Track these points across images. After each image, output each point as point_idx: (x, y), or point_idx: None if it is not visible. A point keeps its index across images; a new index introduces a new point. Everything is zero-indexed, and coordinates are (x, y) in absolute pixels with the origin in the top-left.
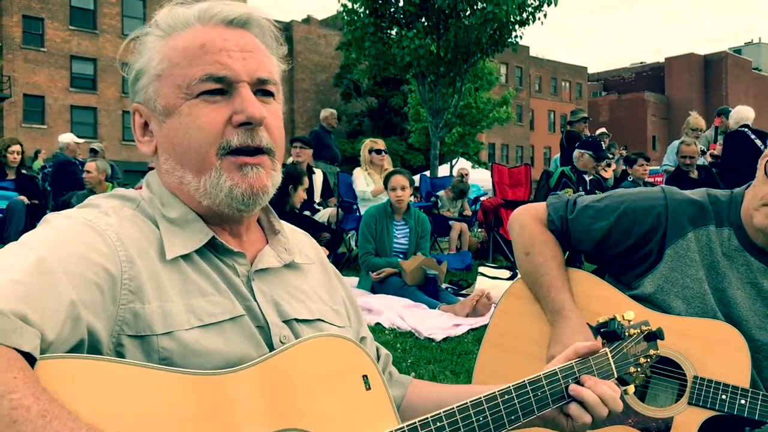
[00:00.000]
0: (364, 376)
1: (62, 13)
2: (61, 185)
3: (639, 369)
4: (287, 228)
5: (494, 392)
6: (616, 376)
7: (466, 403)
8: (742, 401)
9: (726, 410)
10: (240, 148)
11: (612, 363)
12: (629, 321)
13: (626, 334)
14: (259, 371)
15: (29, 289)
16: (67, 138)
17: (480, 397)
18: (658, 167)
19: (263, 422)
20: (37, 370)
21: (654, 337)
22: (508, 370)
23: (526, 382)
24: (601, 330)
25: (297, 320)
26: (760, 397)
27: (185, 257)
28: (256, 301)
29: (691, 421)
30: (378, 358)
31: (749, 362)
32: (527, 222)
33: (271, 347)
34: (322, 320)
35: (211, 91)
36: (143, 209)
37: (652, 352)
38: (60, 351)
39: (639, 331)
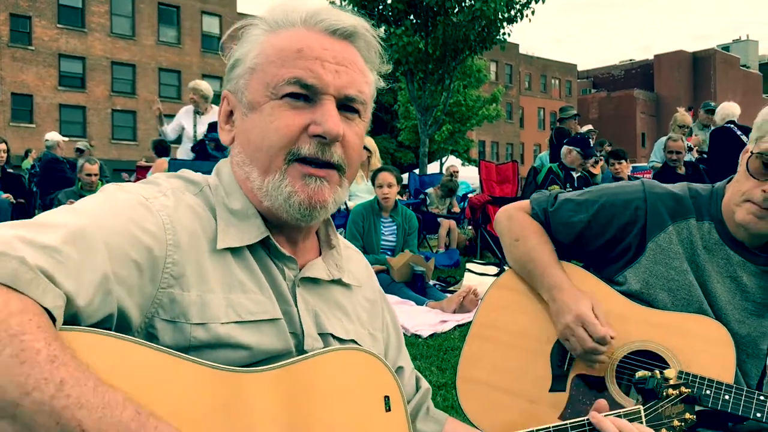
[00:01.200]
0: (386, 397)
1: (50, 11)
2: (48, 184)
3: (670, 431)
4: (342, 243)
5: None
6: None
7: None
8: (726, 397)
9: (710, 405)
10: (308, 158)
11: (644, 421)
12: (670, 379)
13: (664, 394)
14: (280, 375)
15: (62, 256)
16: (56, 137)
17: None
18: (646, 164)
19: (276, 426)
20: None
21: (693, 401)
22: (494, 362)
23: (551, 428)
24: (638, 386)
25: (333, 336)
26: (744, 393)
27: (234, 251)
28: (296, 307)
29: None
30: (417, 390)
31: (734, 358)
32: (514, 213)
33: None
34: (356, 342)
35: (296, 95)
36: (205, 196)
37: (688, 416)
38: (87, 323)
39: (678, 392)
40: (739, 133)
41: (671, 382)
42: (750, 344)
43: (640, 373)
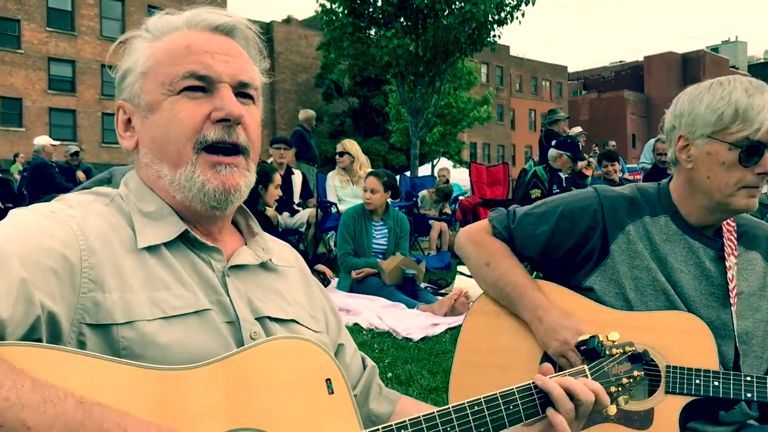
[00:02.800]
0: (328, 380)
1: (39, 15)
2: (37, 188)
3: (620, 389)
4: (267, 235)
5: (463, 403)
6: None
7: (433, 412)
8: (716, 383)
9: (702, 393)
10: (216, 145)
11: (590, 378)
12: (613, 341)
13: (607, 353)
14: (218, 369)
15: None
16: (43, 140)
17: (449, 407)
18: (636, 165)
19: (219, 420)
20: None
21: (639, 358)
22: (483, 385)
23: (498, 394)
24: (581, 348)
25: (270, 318)
26: (731, 377)
27: (152, 251)
28: (229, 296)
29: (672, 408)
30: (363, 368)
31: (715, 348)
32: (477, 237)
33: (241, 343)
34: (297, 322)
35: (193, 88)
36: (117, 205)
37: (636, 373)
38: (15, 335)
39: (622, 351)
40: None
41: (616, 342)
42: (721, 327)
43: (581, 336)
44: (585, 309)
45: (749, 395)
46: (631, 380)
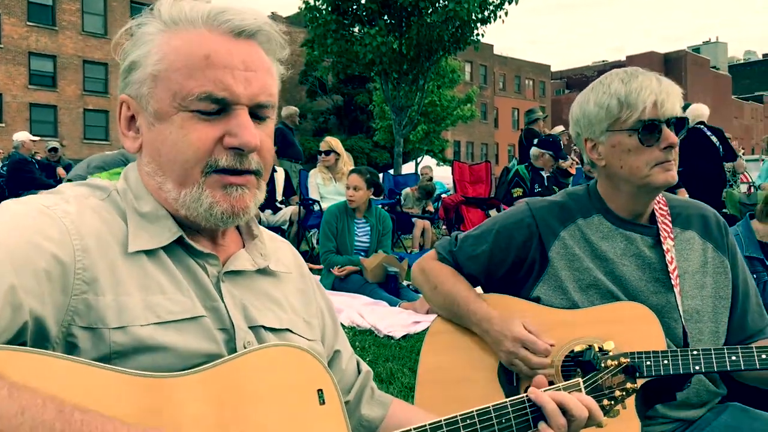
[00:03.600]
0: (319, 390)
1: (19, 9)
2: (17, 184)
3: (613, 401)
4: (267, 234)
5: (456, 416)
6: None
7: (425, 425)
8: (665, 361)
9: (654, 374)
10: (227, 169)
11: (584, 393)
12: (608, 351)
13: (602, 365)
14: (208, 376)
15: None
16: (22, 136)
17: (440, 421)
18: None
19: (207, 429)
20: None
21: (633, 370)
22: (447, 401)
23: (491, 407)
24: (577, 359)
25: (264, 327)
26: (679, 353)
27: (150, 253)
28: (223, 302)
29: None
30: (358, 373)
31: (662, 330)
32: (425, 264)
33: (234, 351)
34: (291, 331)
35: (207, 111)
36: (113, 200)
37: (629, 385)
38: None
39: (617, 363)
40: (708, 133)
41: (611, 353)
42: (671, 310)
43: (577, 347)
44: (532, 313)
45: (697, 368)
46: (624, 393)
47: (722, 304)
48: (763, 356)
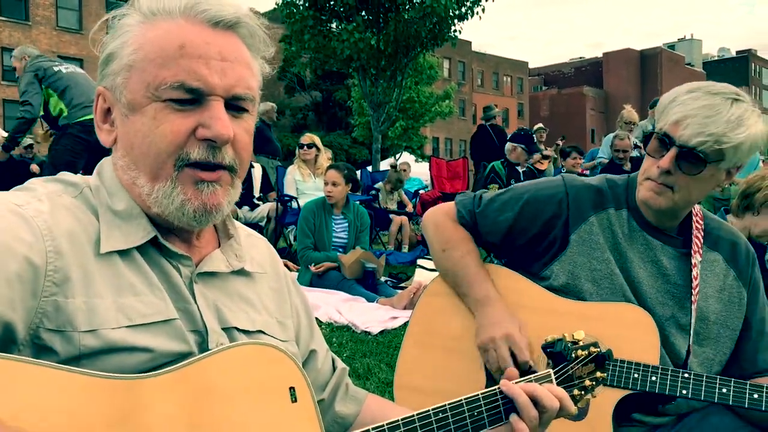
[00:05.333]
0: (291, 388)
1: None
2: None
3: (583, 391)
4: (243, 233)
5: (428, 411)
6: None
7: (397, 421)
8: (653, 378)
9: (639, 388)
10: (199, 162)
11: (554, 383)
12: (579, 341)
13: (572, 355)
14: (177, 377)
15: None
16: None
17: (413, 415)
18: (594, 160)
19: (178, 429)
20: None
21: (603, 359)
22: (430, 367)
23: (464, 400)
24: (548, 350)
25: (237, 329)
26: (669, 373)
27: (122, 253)
28: (196, 304)
29: (607, 401)
30: (333, 370)
31: (658, 342)
32: (440, 220)
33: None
34: (264, 332)
35: (180, 100)
36: (86, 197)
37: (599, 375)
38: None
39: (587, 352)
40: None
41: (580, 344)
42: (674, 325)
43: (548, 337)
44: (534, 295)
45: (684, 392)
46: (594, 382)
47: (727, 334)
48: (755, 395)
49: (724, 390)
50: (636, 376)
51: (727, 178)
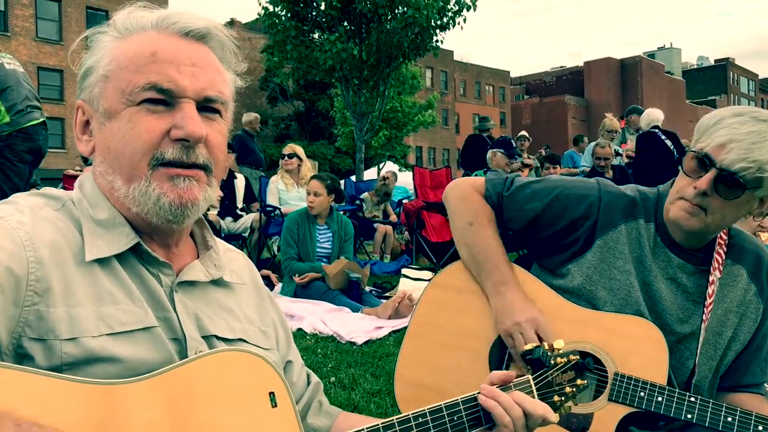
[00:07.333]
0: (271, 393)
1: None
2: None
3: (564, 398)
4: (222, 246)
5: (408, 415)
6: None
7: (378, 425)
8: (659, 398)
9: (644, 407)
10: (173, 162)
11: (534, 390)
12: (558, 349)
13: (551, 362)
14: (158, 382)
15: None
16: None
17: (393, 420)
18: (576, 168)
19: None
20: None
21: (582, 367)
22: (431, 362)
23: (443, 405)
24: (526, 357)
25: (217, 337)
26: (676, 395)
27: (103, 263)
28: (176, 312)
29: (611, 417)
30: (308, 384)
31: (667, 360)
32: (468, 192)
33: None
34: (245, 340)
35: (153, 101)
36: (68, 210)
37: (579, 381)
38: None
39: (567, 360)
40: (663, 137)
41: (561, 350)
42: (690, 342)
43: (527, 345)
44: (547, 298)
45: (689, 416)
46: (575, 389)
47: (735, 347)
48: (760, 428)
49: (729, 419)
50: (642, 394)
51: (759, 206)
